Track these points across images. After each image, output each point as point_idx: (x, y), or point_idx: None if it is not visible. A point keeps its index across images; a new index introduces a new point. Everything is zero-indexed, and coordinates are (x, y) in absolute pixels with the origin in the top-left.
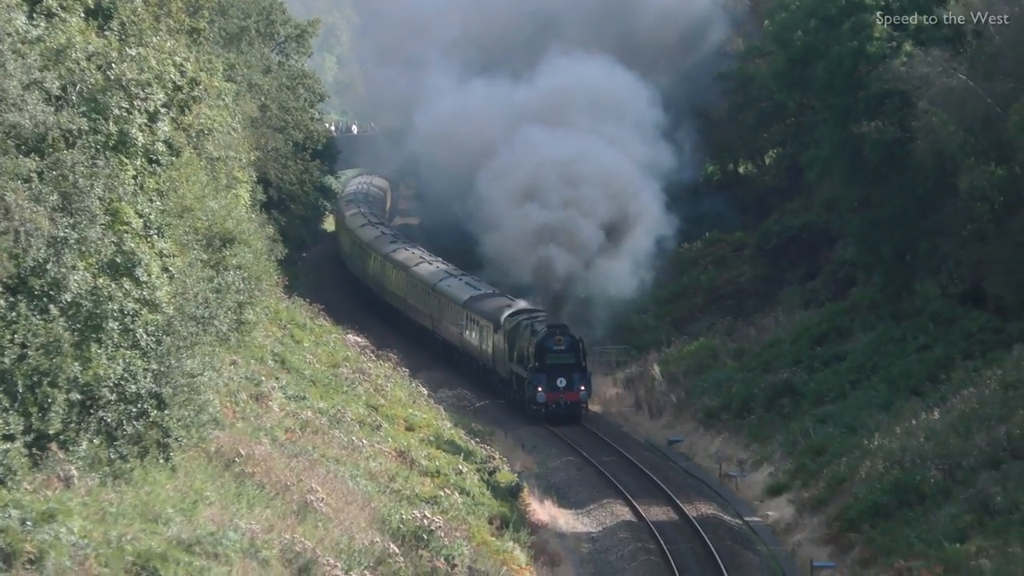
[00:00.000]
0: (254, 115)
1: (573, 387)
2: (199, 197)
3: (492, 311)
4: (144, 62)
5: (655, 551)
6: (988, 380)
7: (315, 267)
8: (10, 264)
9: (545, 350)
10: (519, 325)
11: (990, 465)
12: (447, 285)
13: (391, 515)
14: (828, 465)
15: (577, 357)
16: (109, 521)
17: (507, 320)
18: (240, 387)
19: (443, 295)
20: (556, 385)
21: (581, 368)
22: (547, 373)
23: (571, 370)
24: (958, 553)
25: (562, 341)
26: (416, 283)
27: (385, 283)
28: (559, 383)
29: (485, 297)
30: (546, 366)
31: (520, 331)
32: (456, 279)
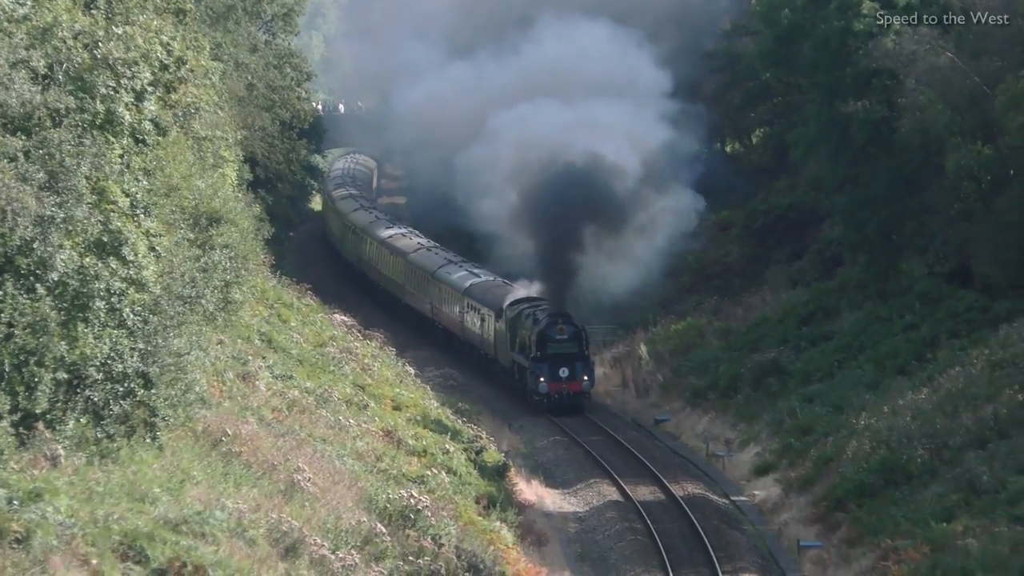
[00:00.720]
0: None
1: (576, 377)
2: (186, 176)
3: (494, 298)
4: (131, 41)
5: (642, 531)
6: (975, 359)
7: (302, 247)
8: None
9: (547, 339)
10: (521, 313)
11: (977, 444)
12: (447, 272)
13: (378, 495)
14: (815, 444)
15: (580, 346)
16: (96, 500)
17: (509, 308)
18: (227, 366)
19: (443, 282)
20: (559, 375)
21: (584, 357)
22: (549, 363)
23: (574, 359)
24: (944, 532)
25: (564, 330)
26: (415, 270)
27: (382, 269)
28: (561, 373)
29: (486, 284)
30: (548, 356)
31: (522, 319)
32: (456, 265)
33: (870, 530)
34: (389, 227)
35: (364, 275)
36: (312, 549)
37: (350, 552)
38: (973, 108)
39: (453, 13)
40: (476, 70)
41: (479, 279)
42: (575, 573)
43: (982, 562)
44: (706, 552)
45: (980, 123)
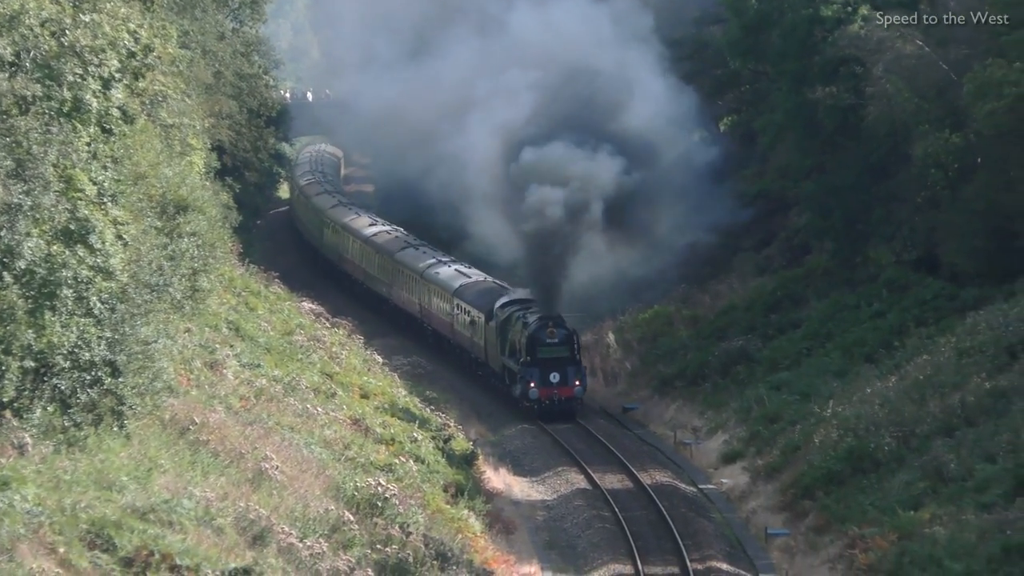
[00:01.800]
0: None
1: (567, 382)
2: (153, 164)
3: (484, 300)
4: (98, 28)
5: (610, 519)
6: (942, 347)
7: (270, 234)
8: None
9: (537, 343)
10: (511, 316)
11: (944, 432)
12: (436, 272)
13: (346, 483)
14: (782, 432)
15: (571, 350)
16: (63, 489)
17: (500, 310)
18: (194, 355)
19: (432, 283)
20: (549, 380)
21: (576, 362)
22: (540, 368)
23: (565, 364)
24: (912, 520)
25: (555, 333)
26: (401, 269)
27: (367, 268)
28: (552, 378)
29: (476, 284)
30: (538, 360)
31: (512, 322)
32: (445, 265)
33: (837, 518)
34: (372, 224)
35: (348, 275)
36: (280, 537)
37: (318, 540)
38: (941, 96)
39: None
40: (448, 58)
41: (469, 279)
42: (543, 561)
43: (949, 550)
44: (674, 540)
45: (948, 111)
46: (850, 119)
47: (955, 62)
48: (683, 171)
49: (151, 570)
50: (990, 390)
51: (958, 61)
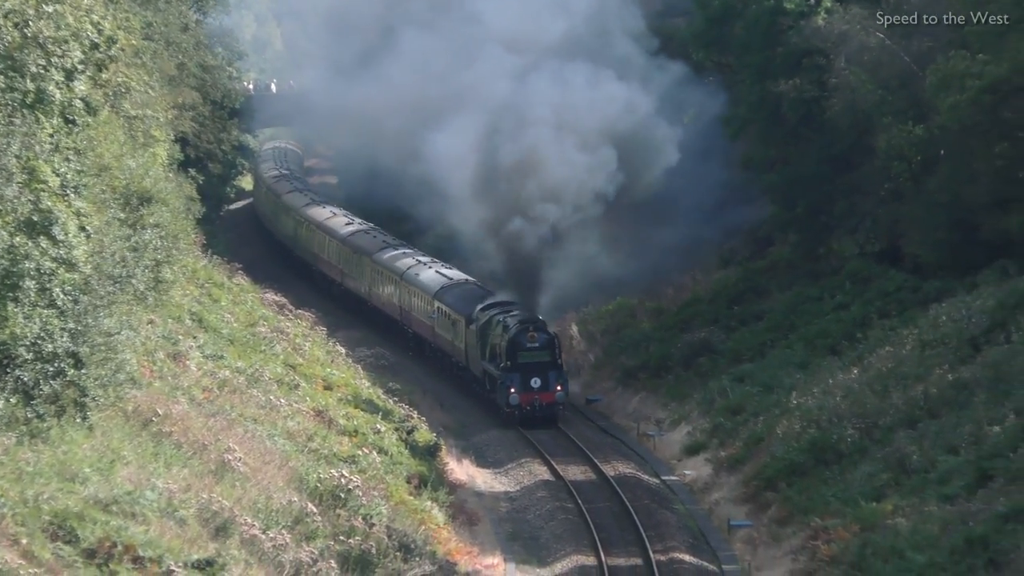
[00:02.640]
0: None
1: (548, 387)
2: (117, 156)
3: (465, 303)
4: (61, 19)
5: (573, 510)
6: (905, 339)
7: (233, 226)
8: None
9: (518, 347)
10: (491, 320)
11: (907, 424)
12: (415, 274)
13: (309, 474)
14: (745, 424)
15: (553, 354)
16: (26, 480)
17: (480, 313)
18: (157, 346)
19: (413, 285)
20: (530, 386)
21: (557, 366)
22: (520, 373)
23: (546, 369)
24: (874, 512)
25: (536, 337)
26: (381, 271)
27: (344, 268)
28: (533, 383)
29: (457, 286)
30: (519, 365)
31: (492, 326)
32: (425, 267)
33: (800, 509)
34: (349, 223)
35: (323, 275)
36: (243, 529)
37: (281, 532)
38: (904, 88)
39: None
40: (416, 50)
41: (451, 281)
42: (506, 553)
43: (912, 541)
44: (637, 531)
45: (911, 103)
46: (813, 111)
47: (918, 54)
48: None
49: (114, 562)
50: (953, 382)
51: (921, 53)
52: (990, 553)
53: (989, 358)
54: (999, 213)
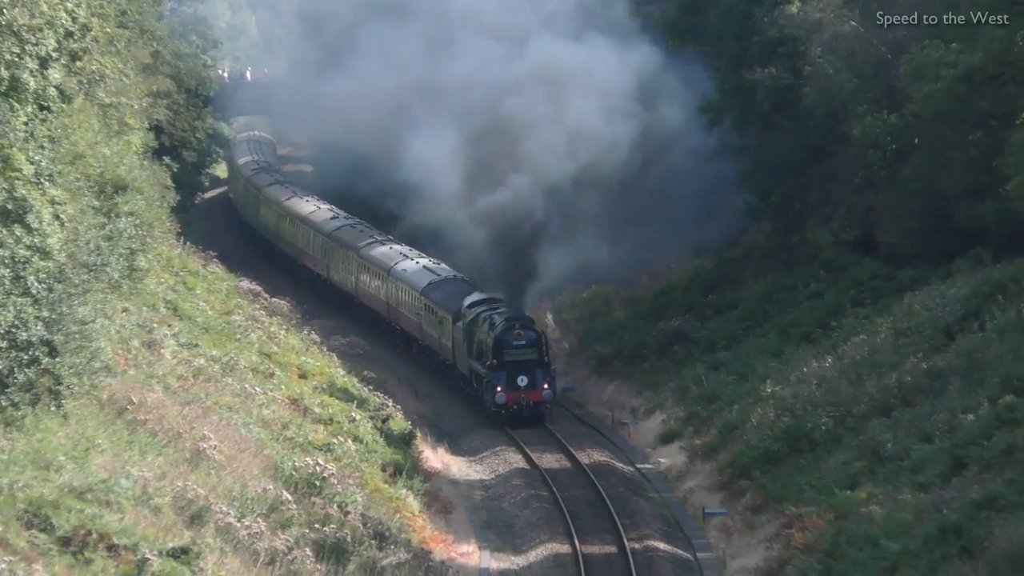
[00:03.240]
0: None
1: (536, 385)
2: (91, 144)
3: (452, 299)
4: (35, 7)
5: (548, 498)
6: (879, 328)
7: (208, 213)
8: None
9: (504, 345)
10: (478, 317)
11: (881, 412)
12: (403, 269)
13: (284, 463)
14: (720, 412)
15: (540, 352)
16: (0, 469)
17: (467, 310)
18: (132, 334)
19: (400, 280)
20: (517, 384)
21: (544, 364)
22: (507, 371)
23: (533, 367)
24: (848, 500)
25: (522, 335)
26: (368, 266)
27: (331, 265)
28: (520, 382)
29: (444, 283)
30: (505, 363)
31: (479, 323)
32: (412, 261)
33: (774, 497)
34: (334, 217)
35: (308, 269)
36: (218, 517)
37: (256, 520)
38: (878, 76)
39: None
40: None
41: (438, 277)
42: (481, 540)
43: (886, 529)
44: (611, 519)
45: (885, 91)
46: (788, 99)
47: (892, 42)
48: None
49: (89, 549)
50: (927, 370)
51: (895, 41)
52: (964, 541)
53: (963, 346)
54: (973, 202)
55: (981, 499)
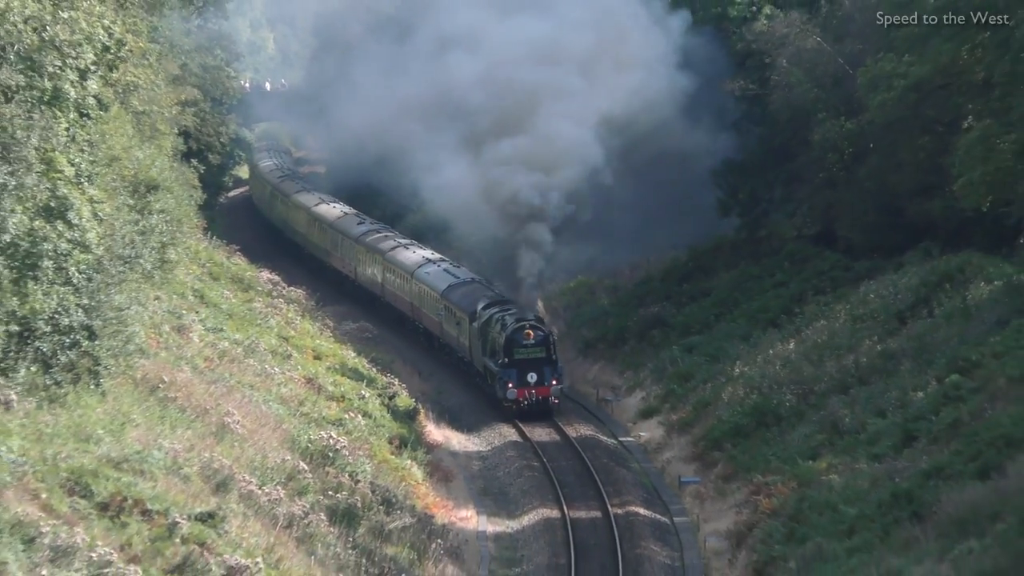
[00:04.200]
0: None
1: (544, 382)
2: (126, 148)
3: (468, 301)
4: (76, 24)
5: (538, 468)
6: (838, 313)
7: (231, 211)
8: None
9: (514, 343)
10: (491, 318)
11: (839, 390)
12: (425, 273)
13: (300, 436)
14: (694, 390)
15: (548, 351)
16: (45, 441)
17: (482, 311)
18: (163, 320)
19: (422, 282)
20: (527, 380)
21: (552, 362)
22: (517, 368)
23: (541, 364)
24: (810, 470)
25: (531, 335)
26: (393, 268)
27: (358, 268)
28: (529, 378)
29: (462, 285)
30: (515, 361)
31: (491, 324)
32: (434, 265)
33: (743, 467)
34: (361, 223)
35: (336, 270)
36: (241, 485)
37: (275, 488)
38: (837, 87)
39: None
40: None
41: (457, 280)
42: (479, 506)
43: (844, 496)
44: (596, 487)
45: (843, 100)
46: (755, 107)
47: (850, 55)
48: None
49: (125, 514)
50: (881, 352)
51: (853, 55)
52: (914, 506)
53: (913, 330)
54: (922, 200)
55: (930, 469)
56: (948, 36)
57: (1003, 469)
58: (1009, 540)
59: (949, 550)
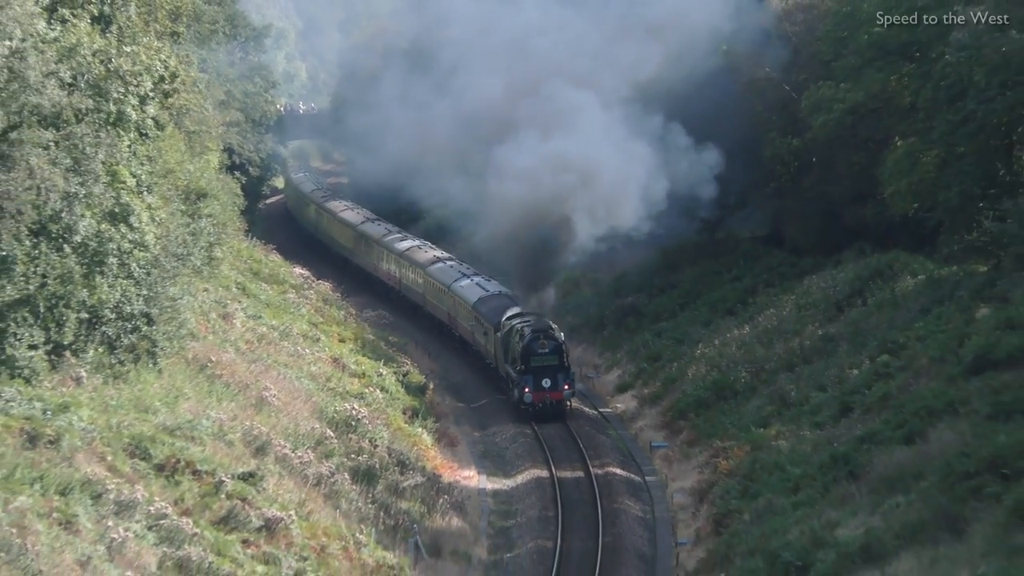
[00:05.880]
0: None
1: (557, 387)
2: (179, 162)
3: (495, 313)
4: (136, 57)
5: (530, 435)
6: (785, 303)
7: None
8: (33, 213)
9: (531, 352)
10: (512, 329)
11: (786, 368)
12: (461, 286)
13: (327, 407)
14: (663, 368)
15: (560, 358)
16: (110, 411)
17: (504, 323)
18: (211, 308)
19: (457, 295)
20: (542, 386)
21: (565, 368)
22: (533, 375)
23: (555, 371)
24: (761, 436)
25: (546, 345)
26: (432, 282)
27: (403, 280)
28: (544, 384)
29: (491, 298)
30: (532, 368)
31: (512, 334)
32: (468, 279)
33: (705, 434)
34: (402, 239)
35: (382, 282)
36: (277, 449)
37: (306, 451)
38: (784, 110)
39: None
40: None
41: (487, 293)
42: (479, 467)
43: (790, 458)
44: (580, 451)
45: (790, 121)
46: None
47: (795, 83)
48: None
49: (178, 474)
50: (822, 336)
51: (798, 83)
52: (850, 467)
53: (849, 317)
54: (857, 206)
55: (863, 435)
56: (879, 67)
57: (925, 435)
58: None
59: (879, 504)
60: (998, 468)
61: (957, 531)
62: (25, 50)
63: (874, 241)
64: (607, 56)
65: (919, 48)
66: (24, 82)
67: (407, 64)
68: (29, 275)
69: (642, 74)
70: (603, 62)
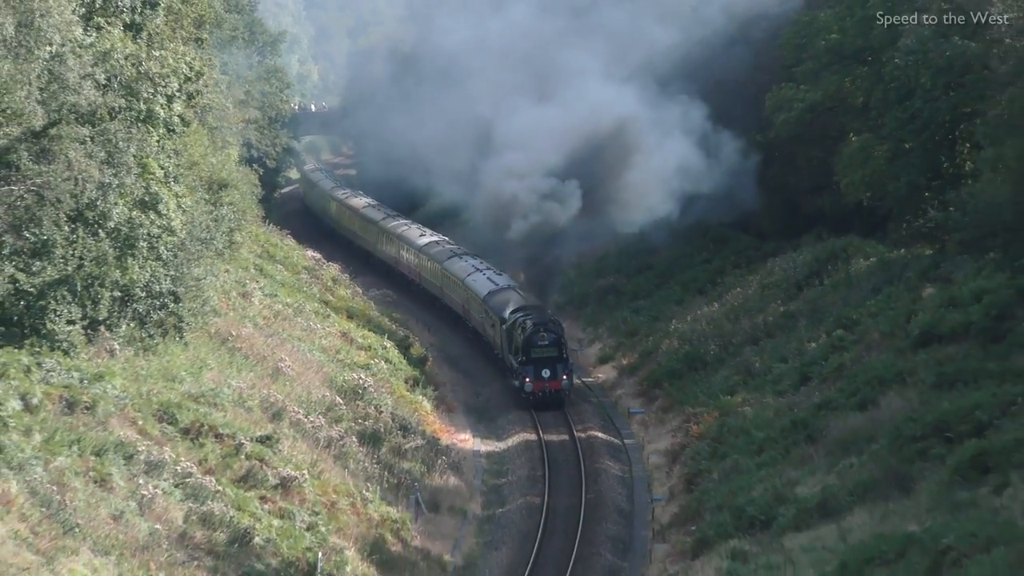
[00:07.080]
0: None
1: (556, 377)
2: (202, 155)
3: (501, 306)
4: (164, 60)
5: (520, 402)
6: (750, 283)
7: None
8: (71, 201)
9: (531, 344)
10: (515, 322)
11: (752, 342)
12: (473, 280)
13: (337, 377)
14: (640, 342)
15: (559, 350)
16: (141, 380)
17: (509, 316)
18: (231, 287)
19: (470, 289)
20: (541, 376)
21: (563, 359)
22: (533, 366)
23: (554, 362)
24: (729, 403)
25: (546, 337)
26: (448, 275)
27: (423, 274)
28: (544, 374)
29: (499, 291)
30: (532, 359)
31: (515, 327)
32: (480, 272)
33: (678, 401)
34: (423, 234)
35: (403, 275)
36: (291, 415)
37: (318, 417)
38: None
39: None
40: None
41: (496, 287)
42: (474, 431)
43: (755, 423)
44: (564, 416)
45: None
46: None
47: (759, 84)
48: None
49: (202, 437)
50: (783, 313)
51: (762, 83)
52: (808, 431)
53: (808, 296)
54: (815, 195)
55: (820, 402)
56: (835, 70)
57: (876, 402)
58: (881, 457)
59: (835, 465)
60: (942, 432)
61: (905, 489)
62: (64, 54)
63: (830, 227)
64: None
65: (871, 53)
66: (63, 83)
67: (407, 66)
68: (68, 257)
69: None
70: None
